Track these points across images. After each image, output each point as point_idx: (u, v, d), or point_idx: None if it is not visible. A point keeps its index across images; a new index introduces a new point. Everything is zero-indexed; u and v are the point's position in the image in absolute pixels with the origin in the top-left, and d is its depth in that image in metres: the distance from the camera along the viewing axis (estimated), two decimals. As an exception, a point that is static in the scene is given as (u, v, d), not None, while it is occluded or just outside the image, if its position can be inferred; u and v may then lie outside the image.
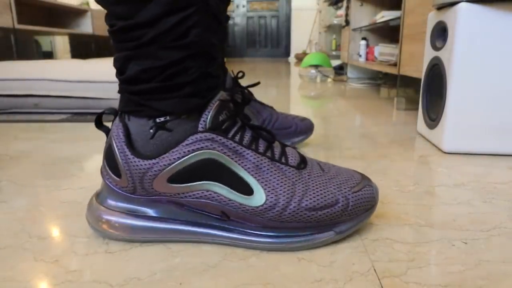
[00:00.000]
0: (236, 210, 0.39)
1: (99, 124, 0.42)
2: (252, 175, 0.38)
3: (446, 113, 0.74)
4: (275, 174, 0.39)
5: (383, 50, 1.97)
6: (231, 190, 0.38)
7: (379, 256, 0.38)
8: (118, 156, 0.39)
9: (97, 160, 0.72)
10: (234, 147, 0.38)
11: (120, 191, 0.40)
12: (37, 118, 1.14)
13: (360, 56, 2.44)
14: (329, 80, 2.44)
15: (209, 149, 0.37)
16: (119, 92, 0.41)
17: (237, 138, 0.39)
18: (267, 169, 0.39)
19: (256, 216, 0.39)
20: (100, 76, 1.22)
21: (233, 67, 3.75)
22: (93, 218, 0.41)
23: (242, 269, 0.36)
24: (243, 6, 6.39)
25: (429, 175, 0.63)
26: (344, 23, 2.77)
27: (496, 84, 0.70)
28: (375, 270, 0.36)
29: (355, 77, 2.60)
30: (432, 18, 0.84)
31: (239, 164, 0.38)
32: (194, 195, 0.39)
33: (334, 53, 3.56)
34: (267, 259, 0.38)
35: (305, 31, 5.62)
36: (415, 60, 1.20)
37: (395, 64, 1.59)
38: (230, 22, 6.38)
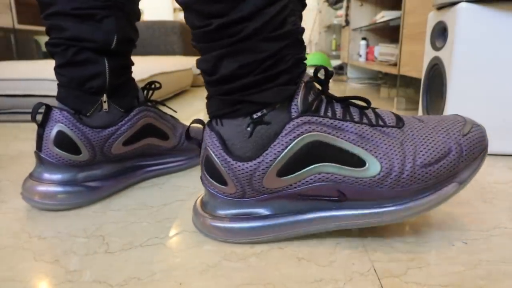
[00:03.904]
0: (353, 185, 0.38)
1: (189, 137, 0.41)
2: (358, 145, 0.37)
3: (446, 113, 0.74)
4: (380, 138, 0.38)
5: (383, 50, 1.97)
6: (342, 166, 0.37)
7: (379, 256, 0.38)
8: (220, 165, 0.38)
9: (97, 160, 0.71)
10: (332, 123, 0.37)
11: (228, 198, 0.40)
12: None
13: (360, 56, 2.44)
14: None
15: (309, 132, 0.37)
16: (209, 97, 0.40)
17: (329, 113, 0.38)
18: (371, 135, 0.37)
19: (375, 187, 0.37)
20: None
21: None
22: (204, 227, 0.42)
23: (242, 269, 0.36)
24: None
25: (429, 175, 0.63)
26: (344, 23, 2.77)
27: (496, 84, 0.70)
28: (375, 270, 0.36)
29: (355, 77, 2.60)
30: (432, 18, 0.84)
31: (341, 138, 0.37)
32: (307, 181, 0.38)
33: (334, 53, 3.56)
34: (267, 259, 0.38)
35: (305, 31, 5.62)
36: (415, 60, 1.20)
37: (395, 64, 1.59)
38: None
